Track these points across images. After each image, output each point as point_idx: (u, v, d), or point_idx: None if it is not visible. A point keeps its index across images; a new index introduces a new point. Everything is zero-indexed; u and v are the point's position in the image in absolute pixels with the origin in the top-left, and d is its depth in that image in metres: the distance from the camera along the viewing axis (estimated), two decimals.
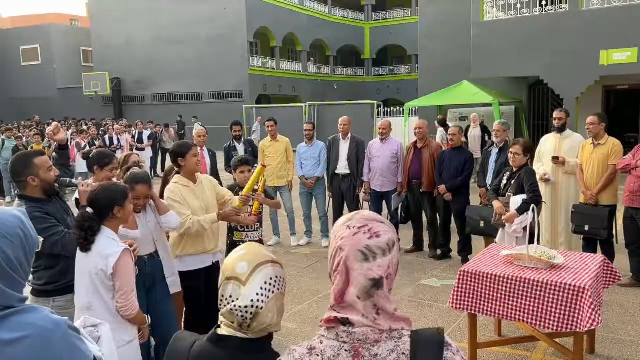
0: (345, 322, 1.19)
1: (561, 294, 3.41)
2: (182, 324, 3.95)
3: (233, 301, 1.41)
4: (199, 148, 6.73)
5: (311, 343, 1.23)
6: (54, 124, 3.99)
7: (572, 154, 5.97)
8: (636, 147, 5.48)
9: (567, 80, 12.63)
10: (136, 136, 14.90)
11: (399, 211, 7.06)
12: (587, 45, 12.21)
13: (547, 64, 12.79)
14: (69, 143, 10.39)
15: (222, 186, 4.40)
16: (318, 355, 1.19)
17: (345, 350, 1.17)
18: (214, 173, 7.02)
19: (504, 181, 5.23)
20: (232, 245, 4.48)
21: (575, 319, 3.35)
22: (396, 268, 1.26)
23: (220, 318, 1.47)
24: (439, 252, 6.79)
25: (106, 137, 13.98)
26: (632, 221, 5.36)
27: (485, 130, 12.50)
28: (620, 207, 5.66)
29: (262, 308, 1.39)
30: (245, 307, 1.39)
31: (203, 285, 3.85)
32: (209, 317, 3.65)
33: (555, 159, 5.97)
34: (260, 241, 4.46)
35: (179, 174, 3.84)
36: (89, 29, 31.76)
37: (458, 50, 16.44)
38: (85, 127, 17.07)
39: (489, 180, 6.34)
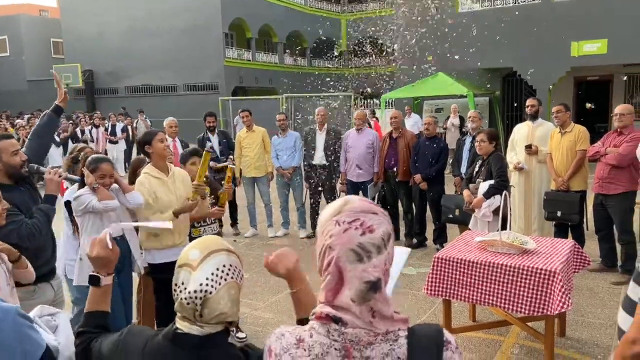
0: (338, 320, 1.11)
1: (533, 278, 3.47)
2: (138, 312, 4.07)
3: (186, 288, 1.35)
4: (170, 139, 6.66)
5: (301, 334, 1.16)
6: None
7: (544, 142, 6.09)
8: (605, 135, 5.61)
9: (539, 71, 12.83)
10: (109, 129, 14.64)
11: (375, 201, 7.10)
12: (559, 36, 12.42)
13: (520, 55, 12.98)
14: None
15: None
16: (305, 350, 1.13)
17: (335, 349, 1.10)
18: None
19: (476, 168, 5.38)
20: (191, 240, 4.46)
21: (546, 303, 3.42)
22: (392, 260, 1.17)
23: (177, 312, 1.41)
24: (414, 240, 6.85)
25: (77, 129, 13.69)
26: (601, 207, 5.49)
27: (462, 121, 12.65)
28: (590, 195, 5.79)
29: (211, 293, 1.32)
30: (195, 291, 1.32)
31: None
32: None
33: (528, 147, 6.09)
34: (219, 234, 4.46)
35: (151, 164, 3.78)
36: (60, 19, 31.00)
37: (434, 42, 16.53)
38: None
39: (463, 169, 6.42)
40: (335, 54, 35.92)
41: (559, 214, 5.72)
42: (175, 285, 1.38)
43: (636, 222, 5.79)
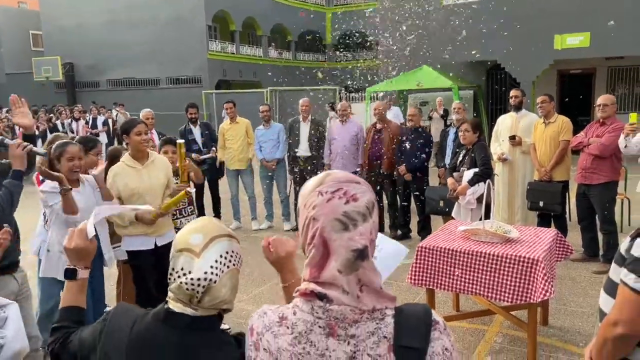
0: (323, 297, 1.06)
1: (516, 266, 3.46)
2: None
3: (185, 274, 1.31)
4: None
5: (284, 312, 1.12)
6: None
7: (528, 133, 6.11)
8: (588, 125, 5.63)
9: (523, 64, 12.89)
10: (90, 122, 14.41)
11: None
12: (542, 29, 12.48)
13: (504, 48, 13.01)
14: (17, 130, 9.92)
15: None
16: (288, 328, 1.09)
17: (319, 327, 1.06)
18: None
19: (460, 158, 5.43)
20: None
21: (529, 291, 3.42)
22: (377, 230, 1.14)
23: (169, 294, 1.36)
24: (399, 232, 6.83)
25: (58, 122, 13.45)
26: (584, 197, 5.52)
27: (447, 113, 12.71)
28: (573, 185, 5.82)
29: (215, 282, 1.30)
30: (198, 279, 1.29)
31: (152, 267, 3.78)
32: (160, 299, 3.60)
33: (512, 138, 6.10)
34: None
35: (129, 153, 3.77)
36: (39, 11, 30.40)
37: (418, 35, 16.53)
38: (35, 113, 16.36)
39: (447, 160, 6.42)
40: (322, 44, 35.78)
41: (541, 204, 5.74)
42: (173, 269, 1.34)
43: (618, 212, 5.84)
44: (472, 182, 5.07)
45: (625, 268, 1.54)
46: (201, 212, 7.03)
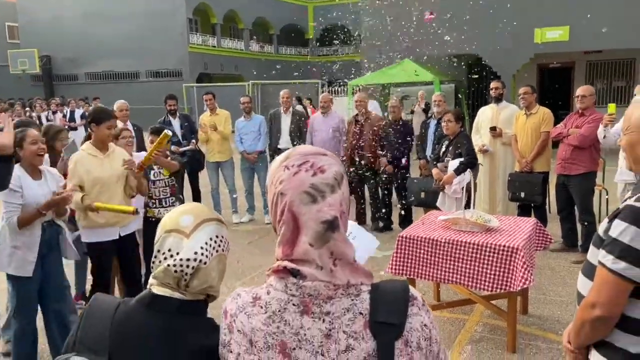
0: (296, 273, 1.03)
1: (495, 255, 3.46)
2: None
3: (172, 255, 1.27)
4: (121, 123, 6.43)
5: (257, 292, 1.08)
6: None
7: (509, 124, 6.14)
8: (567, 117, 5.67)
9: (504, 58, 12.98)
10: (67, 115, 14.14)
11: None
12: (523, 23, 12.56)
13: (485, 42, 13.07)
14: None
15: None
16: (262, 307, 1.05)
17: (294, 305, 1.03)
18: (142, 148, 6.74)
19: (443, 149, 5.42)
20: (145, 221, 4.39)
21: (509, 279, 3.42)
22: (348, 204, 1.10)
23: (151, 281, 1.31)
24: (380, 224, 6.82)
25: (34, 115, 13.18)
26: (563, 188, 5.56)
27: (428, 107, 12.74)
28: (553, 177, 5.86)
29: (205, 263, 1.26)
30: (188, 259, 1.25)
31: (116, 257, 3.76)
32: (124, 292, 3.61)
33: (492, 129, 6.12)
34: None
35: (90, 141, 3.70)
36: (15, 3, 29.73)
37: (400, 29, 16.53)
38: (6, 105, 16.00)
39: (428, 151, 6.43)
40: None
41: (522, 195, 5.78)
42: (159, 251, 1.30)
43: (596, 203, 5.90)
44: (458, 171, 5.09)
45: (603, 249, 1.52)
46: None
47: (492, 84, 6.37)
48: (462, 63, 16.49)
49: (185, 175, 7.36)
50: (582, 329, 1.59)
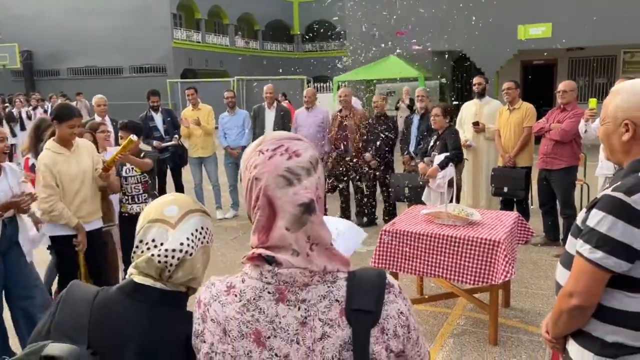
0: (272, 260, 1.01)
1: (477, 248, 3.47)
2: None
3: (156, 246, 1.24)
4: (99, 118, 6.35)
5: (232, 280, 1.07)
6: None
7: (492, 119, 6.17)
8: (549, 112, 5.71)
9: (487, 54, 13.04)
10: (48, 110, 13.92)
11: (325, 180, 7.02)
12: (506, 19, 12.63)
13: (469, 38, 13.13)
14: None
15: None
16: (236, 296, 1.03)
17: (269, 292, 1.01)
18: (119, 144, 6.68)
19: (431, 143, 5.43)
20: (120, 217, 4.38)
21: (490, 272, 3.43)
22: (324, 189, 1.09)
23: (130, 270, 1.28)
24: (365, 219, 6.82)
25: (14, 110, 12.95)
26: (545, 182, 5.60)
27: (413, 103, 12.75)
28: (536, 171, 5.90)
29: (191, 255, 1.25)
30: (173, 250, 1.22)
31: (76, 253, 3.70)
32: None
33: (475, 124, 6.15)
34: None
35: (53, 139, 3.62)
36: None
37: (385, 25, 16.54)
38: None
39: (412, 147, 6.43)
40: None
41: (505, 189, 5.81)
42: (141, 241, 1.27)
43: (578, 197, 5.96)
44: (442, 165, 5.09)
45: (580, 239, 1.52)
46: None
47: (475, 80, 6.40)
48: (447, 59, 16.55)
49: (168, 171, 7.31)
50: (560, 319, 1.59)
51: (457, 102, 16.10)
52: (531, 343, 3.64)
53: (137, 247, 1.28)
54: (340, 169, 6.82)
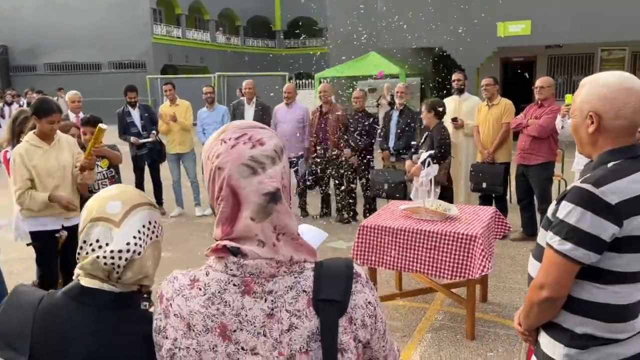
0: (236, 252, 0.98)
1: (454, 243, 3.48)
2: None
3: (100, 246, 1.16)
4: (73, 115, 6.24)
5: (195, 273, 1.03)
6: None
7: (471, 115, 6.20)
8: (527, 107, 5.75)
9: (468, 51, 13.12)
10: (24, 106, 13.65)
11: (306, 176, 6.99)
12: (486, 17, 12.72)
13: (449, 35, 13.19)
14: None
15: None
16: (200, 289, 1.00)
17: (234, 285, 0.98)
18: None
19: (422, 140, 5.40)
20: None
21: (467, 267, 3.44)
22: (289, 178, 1.07)
23: (77, 272, 1.20)
24: (345, 215, 6.81)
25: None
26: (523, 177, 5.65)
27: (394, 100, 12.78)
28: (514, 169, 5.94)
29: (140, 253, 1.18)
30: (120, 251, 1.15)
31: (57, 248, 3.67)
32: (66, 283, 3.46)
33: (454, 120, 6.17)
34: None
35: (33, 132, 3.57)
36: None
37: (367, 21, 16.55)
38: None
39: (391, 143, 6.44)
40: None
41: (484, 185, 5.84)
42: (85, 242, 1.19)
43: (555, 192, 6.02)
44: (424, 163, 5.04)
45: (550, 231, 1.52)
46: None
47: (454, 76, 6.44)
48: (428, 56, 16.63)
49: (146, 168, 7.21)
50: (531, 311, 1.59)
51: (438, 97, 16.21)
52: (508, 337, 3.67)
53: (81, 247, 1.20)
54: (320, 165, 6.80)
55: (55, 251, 3.62)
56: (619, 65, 14.18)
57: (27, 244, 3.82)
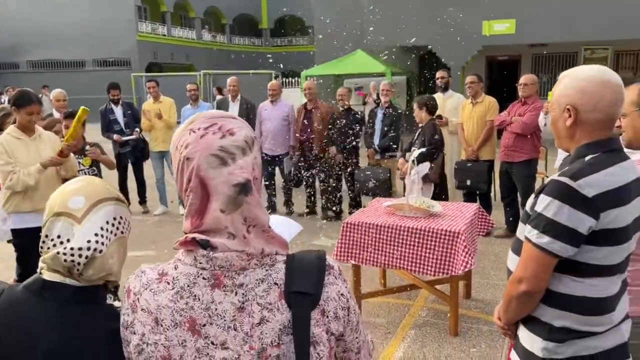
0: (206, 245, 0.96)
1: (437, 239, 3.48)
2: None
3: (62, 242, 1.13)
4: (57, 113, 6.14)
5: (164, 267, 1.01)
6: None
7: (455, 113, 6.22)
8: (511, 105, 5.78)
9: (453, 49, 13.18)
10: (5, 103, 13.45)
11: (291, 174, 6.97)
12: (471, 15, 12.79)
13: (435, 33, 13.24)
14: None
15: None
16: (169, 283, 0.98)
17: (204, 278, 0.96)
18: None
19: (415, 137, 5.38)
20: None
21: (450, 263, 3.45)
22: (261, 170, 1.04)
23: (40, 265, 1.17)
24: (330, 213, 6.80)
25: None
26: (506, 175, 5.68)
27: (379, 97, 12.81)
28: (497, 166, 5.97)
29: (101, 252, 1.13)
30: (80, 249, 1.11)
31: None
32: None
33: (438, 118, 6.17)
34: None
35: (14, 125, 3.59)
36: None
37: (353, 20, 16.55)
38: None
39: (376, 140, 6.43)
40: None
41: (468, 182, 5.87)
42: (47, 236, 1.16)
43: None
44: (415, 161, 5.04)
45: (529, 224, 1.52)
46: (125, 198, 6.70)
47: (438, 74, 6.46)
48: (414, 55, 16.68)
49: (129, 166, 7.13)
50: (510, 305, 1.59)
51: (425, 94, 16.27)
52: (491, 333, 3.68)
53: (43, 241, 1.17)
54: (306, 162, 6.78)
55: (36, 250, 3.56)
56: (601, 64, 14.28)
57: (8, 241, 3.78)
